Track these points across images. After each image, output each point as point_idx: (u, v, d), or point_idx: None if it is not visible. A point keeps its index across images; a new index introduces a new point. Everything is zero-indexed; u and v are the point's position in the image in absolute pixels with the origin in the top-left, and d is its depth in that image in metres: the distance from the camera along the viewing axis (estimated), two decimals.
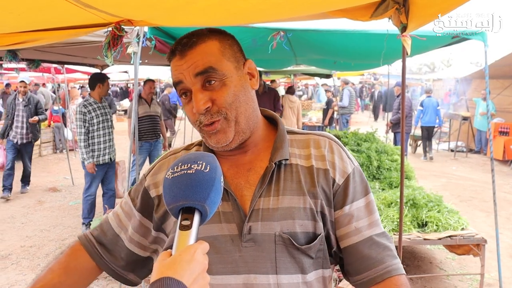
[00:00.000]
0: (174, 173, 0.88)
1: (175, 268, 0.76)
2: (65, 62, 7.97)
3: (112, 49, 2.33)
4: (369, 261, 1.11)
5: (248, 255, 1.06)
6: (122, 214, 1.25)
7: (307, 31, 4.58)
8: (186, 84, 1.07)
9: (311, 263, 1.10)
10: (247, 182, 1.12)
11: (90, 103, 5.51)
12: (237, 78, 1.09)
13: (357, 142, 5.93)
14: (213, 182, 0.85)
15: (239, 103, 1.07)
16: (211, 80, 1.05)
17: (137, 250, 1.22)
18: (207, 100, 1.05)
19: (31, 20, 1.93)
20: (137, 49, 3.67)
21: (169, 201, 0.86)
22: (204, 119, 1.06)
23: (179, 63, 1.07)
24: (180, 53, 1.07)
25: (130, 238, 1.22)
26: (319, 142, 1.18)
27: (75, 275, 1.18)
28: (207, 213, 0.85)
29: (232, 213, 1.08)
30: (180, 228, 0.82)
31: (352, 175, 1.15)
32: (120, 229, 1.24)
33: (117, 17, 2.03)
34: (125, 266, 1.23)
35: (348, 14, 2.22)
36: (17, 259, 5.04)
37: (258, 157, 1.16)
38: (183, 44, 1.07)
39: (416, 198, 4.40)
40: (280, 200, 1.09)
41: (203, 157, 0.91)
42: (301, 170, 1.13)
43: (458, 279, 4.70)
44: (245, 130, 1.10)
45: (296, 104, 9.95)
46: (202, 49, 1.06)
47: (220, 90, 1.05)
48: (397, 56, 5.72)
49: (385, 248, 1.13)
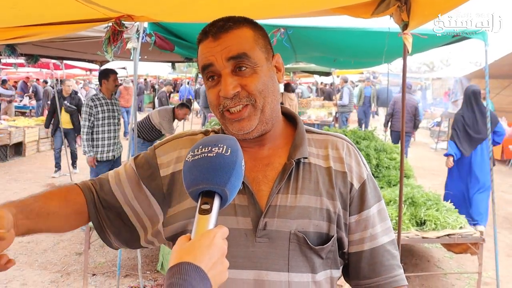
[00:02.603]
0: (194, 156, 0.87)
1: (194, 253, 0.75)
2: (64, 58, 7.94)
3: (113, 44, 2.32)
4: (381, 268, 1.13)
5: (261, 251, 1.05)
6: (123, 175, 1.20)
7: (308, 28, 4.57)
8: (216, 67, 1.04)
9: (321, 263, 1.09)
10: (265, 177, 1.10)
11: (98, 98, 5.52)
12: (267, 69, 1.08)
13: (356, 140, 5.93)
14: (234, 166, 0.85)
15: (268, 93, 1.06)
16: (242, 66, 1.04)
17: (130, 214, 1.17)
18: (237, 85, 1.03)
19: (32, 15, 1.93)
20: (136, 45, 3.65)
21: (189, 184, 0.85)
22: (230, 103, 1.04)
23: (212, 45, 1.05)
24: (213, 36, 1.05)
25: (128, 201, 1.17)
26: (337, 143, 1.18)
27: (70, 208, 1.12)
28: (227, 197, 0.84)
29: (248, 207, 1.07)
30: (200, 212, 0.82)
31: (367, 181, 1.15)
32: (117, 187, 1.18)
33: (118, 12, 2.02)
34: (111, 225, 1.17)
35: (349, 12, 2.22)
36: (15, 254, 5.03)
37: (276, 153, 1.14)
38: (219, 27, 1.05)
39: (415, 196, 4.40)
40: (298, 199, 1.08)
41: (224, 140, 0.89)
42: (319, 171, 1.12)
43: (455, 278, 4.71)
44: (269, 120, 1.09)
45: (294, 102, 10.03)
46: (237, 34, 1.05)
47: (251, 77, 1.04)
48: (397, 54, 5.73)
49: (394, 257, 1.15)
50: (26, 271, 4.60)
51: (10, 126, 10.68)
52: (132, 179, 1.18)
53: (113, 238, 1.19)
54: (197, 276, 0.72)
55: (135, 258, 4.65)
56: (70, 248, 5.24)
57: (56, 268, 4.70)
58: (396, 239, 1.20)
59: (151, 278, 4.42)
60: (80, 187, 1.18)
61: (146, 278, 4.40)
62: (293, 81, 17.20)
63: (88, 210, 1.15)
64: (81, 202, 1.15)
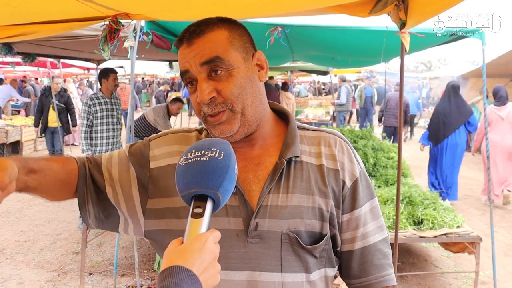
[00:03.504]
0: (187, 160, 0.86)
1: (186, 256, 0.75)
2: (62, 56, 7.92)
3: (109, 42, 2.31)
4: (371, 267, 1.13)
5: (253, 252, 1.04)
6: (116, 158, 1.19)
7: (305, 27, 4.56)
8: (192, 73, 1.03)
9: (315, 262, 1.09)
10: (256, 177, 1.09)
11: (97, 97, 5.54)
12: (245, 69, 1.06)
13: (353, 139, 5.93)
14: (226, 170, 0.85)
15: (246, 95, 1.04)
16: (217, 69, 1.02)
17: (111, 195, 1.15)
18: (212, 90, 1.02)
19: (28, 13, 1.92)
20: (134, 44, 3.64)
21: (182, 188, 0.84)
22: (208, 109, 1.03)
23: (186, 52, 1.04)
24: (187, 41, 1.04)
25: (112, 183, 1.15)
26: (329, 140, 1.16)
27: (64, 175, 1.11)
28: (220, 201, 0.84)
29: (239, 207, 1.05)
30: (192, 216, 0.82)
31: (359, 178, 1.13)
32: (106, 168, 1.17)
33: (114, 10, 2.02)
34: (93, 202, 1.15)
35: (346, 10, 2.21)
36: (12, 253, 5.02)
37: (267, 152, 1.13)
38: (191, 32, 1.04)
39: (412, 195, 4.41)
40: (289, 198, 1.06)
41: (218, 144, 0.89)
42: (311, 169, 1.11)
43: (452, 277, 4.71)
44: (251, 122, 1.07)
45: (291, 101, 10.04)
46: (209, 38, 1.03)
47: (226, 81, 1.02)
48: (395, 53, 5.72)
49: (385, 256, 1.15)
50: (22, 270, 4.59)
51: (7, 125, 10.65)
52: (122, 163, 1.17)
53: (92, 215, 1.16)
54: (189, 279, 0.72)
55: (132, 257, 4.65)
56: (67, 247, 5.23)
57: (53, 267, 4.68)
58: (388, 237, 1.19)
59: (148, 277, 4.41)
60: (76, 160, 1.17)
61: (143, 277, 4.39)
62: (290, 80, 17.14)
63: (78, 183, 1.14)
64: (74, 173, 1.13)
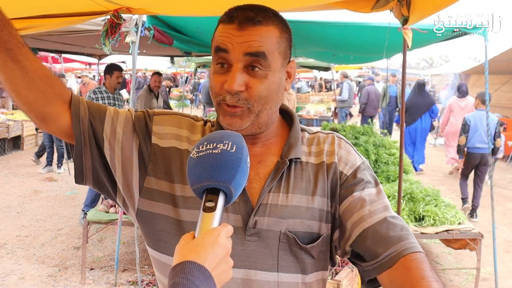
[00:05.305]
0: (199, 152, 0.85)
1: (198, 251, 0.74)
2: (63, 51, 7.92)
3: (110, 37, 2.30)
4: (389, 240, 1.00)
5: (250, 250, 1.03)
6: (122, 115, 1.12)
7: (307, 23, 4.55)
8: (230, 56, 0.99)
9: (313, 263, 1.07)
10: (257, 174, 1.07)
11: (100, 91, 5.60)
12: (278, 75, 1.03)
13: (355, 135, 5.92)
14: (239, 163, 0.83)
15: (269, 100, 1.02)
16: (256, 66, 0.99)
17: (108, 151, 1.08)
18: (243, 84, 0.98)
19: (29, 6, 1.91)
20: (135, 39, 3.63)
21: (194, 181, 0.83)
22: (229, 99, 1.00)
23: (234, 33, 0.99)
24: (239, 24, 0.99)
25: (118, 141, 1.08)
26: (328, 139, 1.16)
27: (51, 94, 1.02)
28: (232, 195, 0.83)
29: (239, 204, 1.04)
30: (204, 210, 0.80)
31: (361, 166, 1.11)
32: (110, 120, 1.10)
33: (116, 5, 2.01)
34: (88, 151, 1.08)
35: (349, 6, 2.20)
36: (12, 248, 5.03)
37: (269, 150, 1.11)
38: (247, 18, 0.99)
39: (413, 192, 4.40)
40: (289, 198, 1.05)
41: (230, 137, 0.87)
42: (311, 169, 1.10)
43: (454, 273, 4.71)
44: (262, 125, 1.05)
45: (292, 97, 10.05)
46: (263, 31, 0.99)
47: (259, 81, 1.00)
48: (397, 49, 5.70)
49: (402, 228, 1.03)
50: (23, 265, 4.60)
51: (8, 119, 10.64)
52: (128, 122, 1.11)
53: (89, 163, 1.08)
54: (201, 275, 0.71)
55: (133, 253, 4.65)
56: (68, 242, 5.24)
57: (54, 262, 4.69)
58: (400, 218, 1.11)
59: (149, 273, 4.42)
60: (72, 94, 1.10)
61: (144, 273, 4.39)
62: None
63: (71, 121, 1.07)
64: (63, 99, 1.07)
